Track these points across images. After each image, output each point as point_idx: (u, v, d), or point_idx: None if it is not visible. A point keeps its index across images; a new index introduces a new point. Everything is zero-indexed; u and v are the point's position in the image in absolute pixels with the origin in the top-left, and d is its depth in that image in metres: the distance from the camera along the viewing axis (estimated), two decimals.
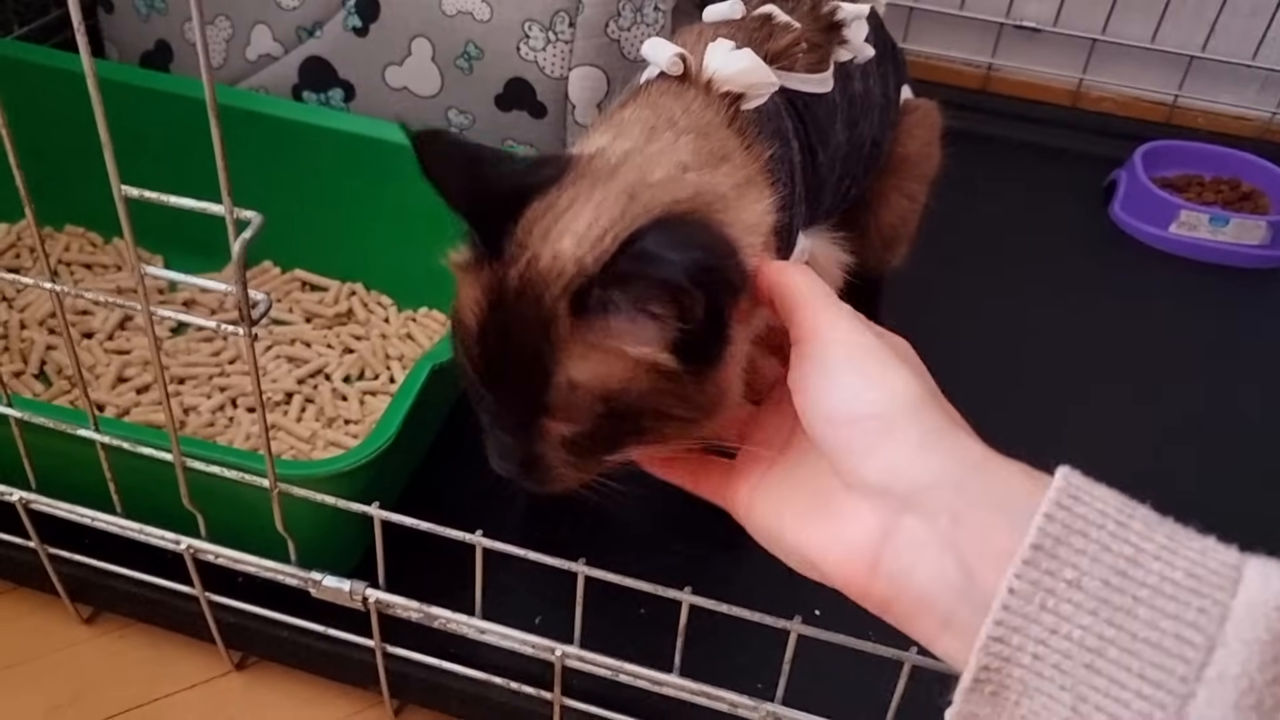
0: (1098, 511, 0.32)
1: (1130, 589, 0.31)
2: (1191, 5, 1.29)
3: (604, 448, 0.47)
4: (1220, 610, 0.30)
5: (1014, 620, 0.32)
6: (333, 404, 0.85)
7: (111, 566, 0.65)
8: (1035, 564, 0.31)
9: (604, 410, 0.45)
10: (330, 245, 0.94)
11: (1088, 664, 0.31)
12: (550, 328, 0.44)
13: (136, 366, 0.86)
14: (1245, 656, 0.29)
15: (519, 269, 0.45)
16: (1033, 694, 0.32)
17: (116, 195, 0.46)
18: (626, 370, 0.44)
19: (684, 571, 0.58)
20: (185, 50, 1.01)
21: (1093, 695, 0.31)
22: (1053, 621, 0.31)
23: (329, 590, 0.59)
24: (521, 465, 0.48)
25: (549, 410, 0.45)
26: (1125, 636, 0.30)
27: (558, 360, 0.44)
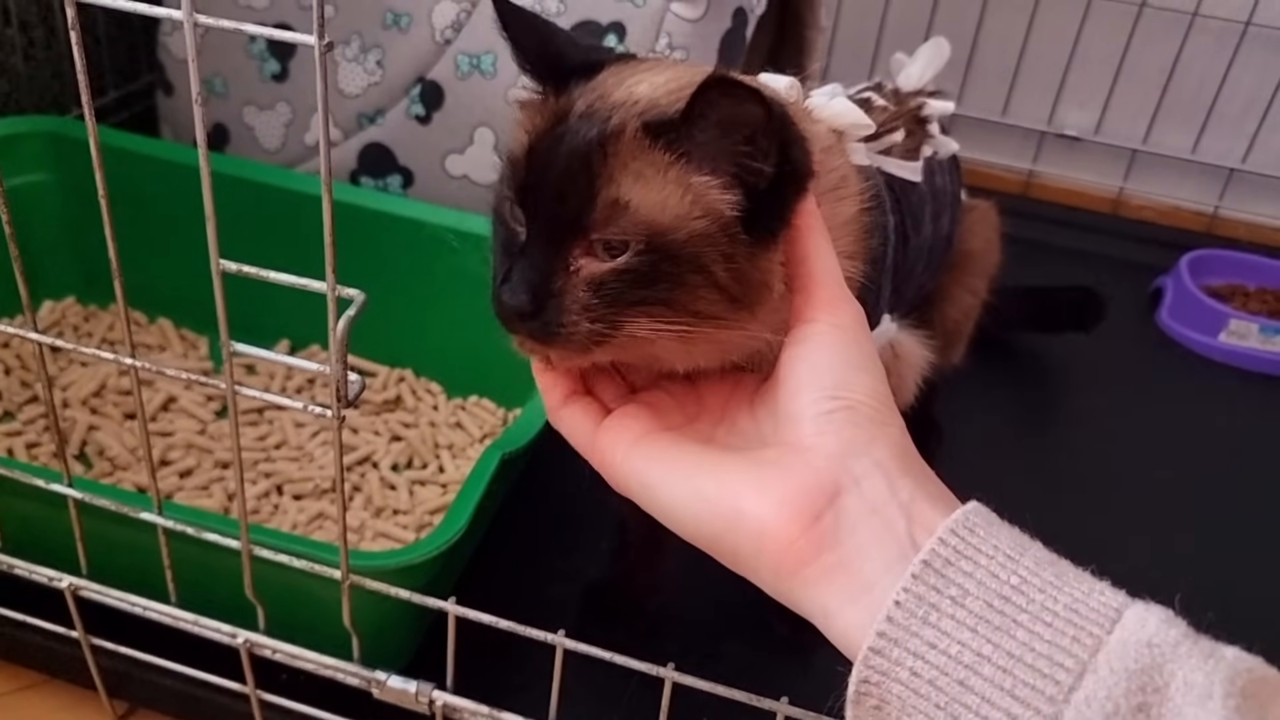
0: (992, 545, 0.34)
1: (1011, 612, 0.33)
2: (1231, 118, 1.30)
3: (627, 299, 0.42)
4: (1095, 641, 0.32)
5: (895, 633, 0.33)
6: (381, 493, 0.82)
7: (157, 660, 0.62)
8: (923, 579, 0.33)
9: (645, 246, 0.42)
10: (380, 330, 0.93)
11: (961, 680, 0.32)
12: (610, 142, 0.43)
13: (180, 449, 0.84)
14: (1113, 683, 0.31)
15: (588, 99, 0.45)
16: (910, 712, 0.33)
17: (214, 270, 0.44)
18: (684, 204, 0.42)
19: (746, 672, 0.55)
20: (242, 133, 1.01)
21: (965, 714, 0.32)
22: (933, 635, 0.33)
23: (393, 691, 0.56)
24: (535, 297, 0.43)
25: (586, 232, 0.42)
26: (1001, 654, 0.32)
27: (611, 174, 0.42)
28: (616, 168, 0.42)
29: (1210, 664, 0.31)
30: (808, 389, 0.40)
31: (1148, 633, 0.32)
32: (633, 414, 0.45)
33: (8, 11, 0.99)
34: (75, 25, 0.41)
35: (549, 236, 0.43)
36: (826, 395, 0.40)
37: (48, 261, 0.92)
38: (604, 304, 0.43)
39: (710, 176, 0.42)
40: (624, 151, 0.42)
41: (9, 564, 0.60)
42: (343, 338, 0.44)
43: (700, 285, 0.43)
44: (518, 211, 0.45)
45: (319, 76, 0.39)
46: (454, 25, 0.92)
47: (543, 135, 0.44)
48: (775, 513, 0.37)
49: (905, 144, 0.61)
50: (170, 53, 1.03)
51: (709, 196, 0.42)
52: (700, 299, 0.43)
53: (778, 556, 0.37)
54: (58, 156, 0.92)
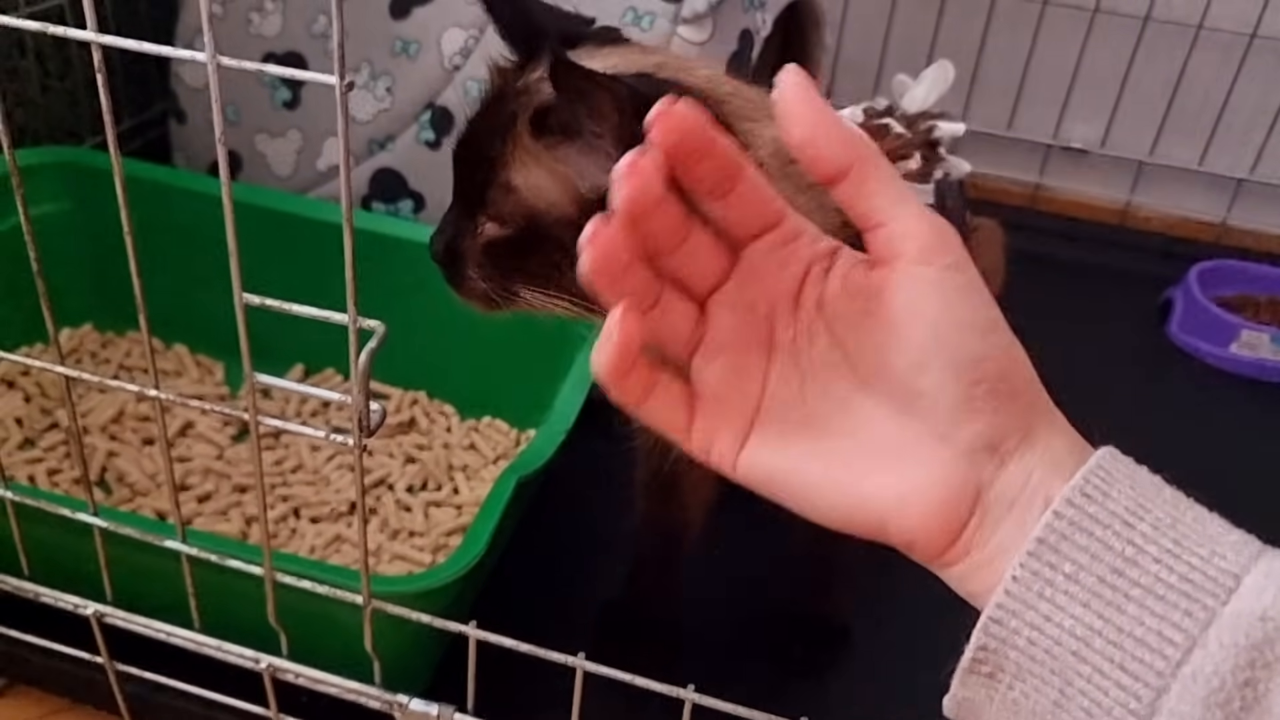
0: (1108, 512, 0.34)
1: (1124, 587, 0.33)
2: (1238, 129, 1.31)
3: (513, 268, 0.48)
4: (1207, 615, 0.32)
5: (1013, 605, 0.34)
6: (397, 515, 0.83)
7: (181, 685, 0.63)
8: (1038, 555, 0.34)
9: (526, 225, 0.47)
10: (393, 353, 0.93)
11: (1075, 651, 0.33)
12: (511, 126, 0.47)
13: (198, 474, 0.85)
14: (1221, 658, 0.31)
15: (525, 79, 0.48)
16: (1025, 677, 0.34)
17: (238, 303, 0.45)
18: (555, 190, 0.46)
19: (764, 693, 0.55)
20: (254, 160, 1.02)
21: (1077, 681, 0.33)
22: (1048, 609, 0.33)
23: (415, 715, 0.56)
24: (446, 250, 0.51)
25: (484, 205, 0.48)
26: (1112, 629, 0.32)
27: (505, 159, 0.47)
28: (510, 152, 0.47)
29: None
30: (936, 364, 0.35)
31: (1263, 605, 0.31)
32: (718, 398, 0.39)
33: (24, 43, 1.01)
34: (101, 68, 0.42)
35: (464, 199, 0.50)
36: (963, 375, 0.35)
37: (65, 289, 0.92)
38: (495, 268, 0.49)
39: (580, 164, 0.46)
40: (519, 136, 0.47)
41: (35, 591, 0.61)
42: (364, 370, 0.45)
43: (569, 267, 0.43)
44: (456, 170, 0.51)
45: (339, 115, 0.40)
46: (462, 51, 0.93)
47: (482, 105, 0.50)
48: (923, 528, 0.36)
49: (920, 169, 0.62)
50: (183, 82, 1.05)
51: (576, 182, 0.46)
52: (571, 280, 0.44)
53: (924, 557, 0.38)
54: (75, 186, 0.94)
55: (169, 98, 1.07)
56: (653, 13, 0.88)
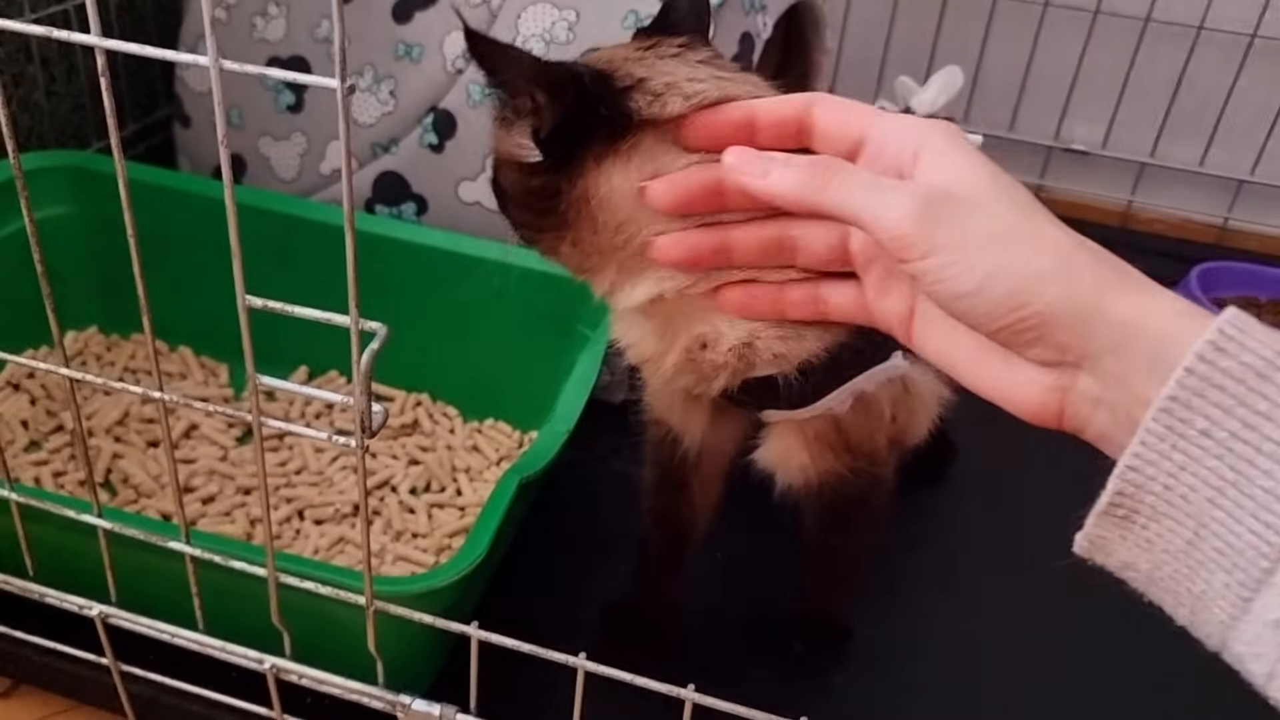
0: (1240, 364, 0.34)
1: (1256, 441, 0.34)
2: (1239, 130, 1.31)
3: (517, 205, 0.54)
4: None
5: (1149, 454, 0.35)
6: (400, 516, 0.83)
7: (185, 685, 0.63)
8: (1170, 412, 0.35)
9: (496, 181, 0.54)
10: (396, 355, 0.94)
11: (1210, 499, 0.35)
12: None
13: (202, 475, 0.85)
14: None
15: None
16: (1160, 518, 0.36)
17: (240, 305, 0.45)
18: (501, 155, 0.53)
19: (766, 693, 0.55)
20: (258, 164, 1.03)
21: (1211, 524, 0.35)
22: (1182, 460, 0.35)
23: (418, 715, 0.57)
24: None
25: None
26: (1244, 481, 0.34)
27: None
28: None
29: None
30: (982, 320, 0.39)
31: None
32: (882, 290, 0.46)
33: (29, 49, 1.01)
34: (105, 72, 0.43)
35: None
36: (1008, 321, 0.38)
37: (70, 293, 0.93)
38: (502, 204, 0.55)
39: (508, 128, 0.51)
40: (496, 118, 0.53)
41: (40, 592, 0.62)
42: (366, 371, 0.45)
43: (529, 219, 0.53)
44: None
45: (341, 118, 0.40)
46: (465, 55, 0.93)
47: None
48: (1031, 414, 0.40)
49: None
50: (187, 86, 1.05)
51: (504, 135, 0.52)
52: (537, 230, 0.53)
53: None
54: (80, 190, 0.94)
55: (173, 102, 1.08)
56: (653, 15, 0.88)
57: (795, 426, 0.61)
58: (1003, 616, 0.81)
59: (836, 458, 0.63)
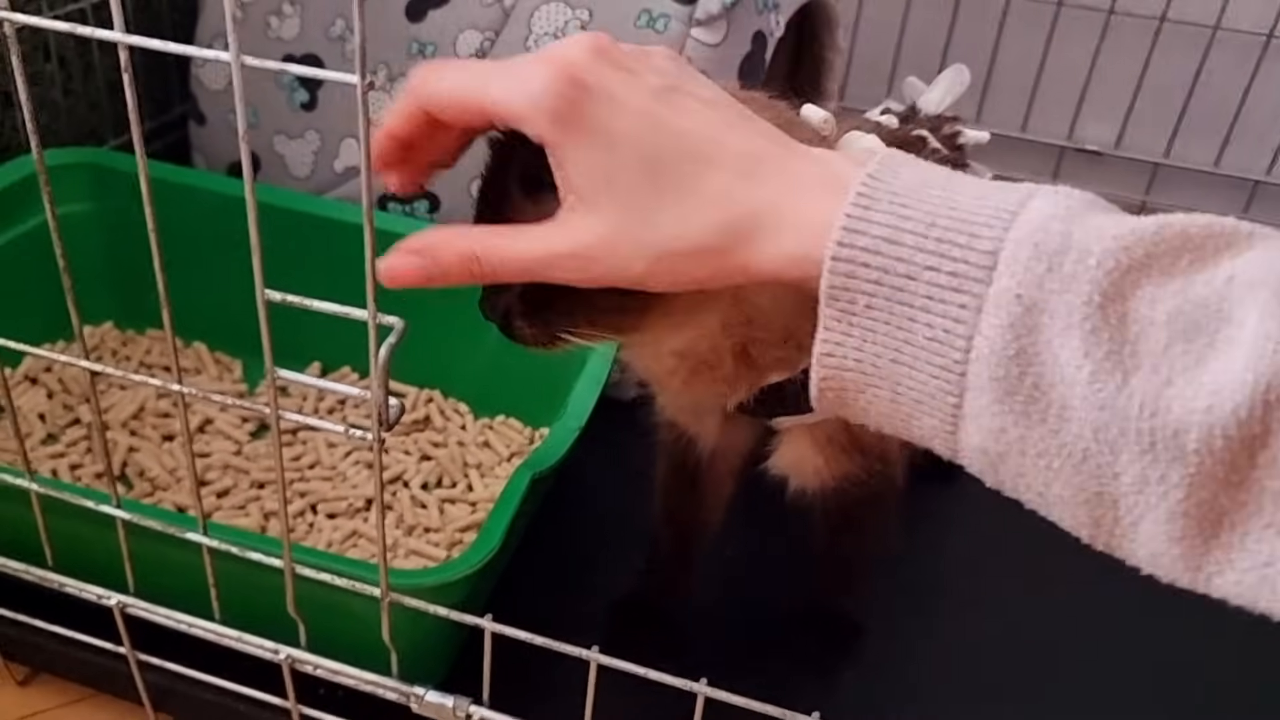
0: (872, 239, 0.37)
1: (908, 300, 0.37)
2: (1255, 131, 1.31)
3: (551, 310, 0.50)
4: (976, 302, 0.36)
5: (835, 338, 0.39)
6: (412, 511, 0.84)
7: (201, 675, 0.64)
8: (834, 300, 0.38)
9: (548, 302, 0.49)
10: (408, 351, 0.94)
11: (893, 360, 0.38)
12: (507, 197, 0.49)
13: (217, 470, 0.86)
14: (994, 338, 0.36)
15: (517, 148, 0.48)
16: (864, 388, 0.40)
17: (259, 298, 0.46)
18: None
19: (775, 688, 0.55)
20: (273, 162, 1.04)
21: (905, 383, 0.38)
22: (860, 335, 0.39)
23: (430, 706, 0.57)
24: (492, 304, 0.52)
25: None
26: (914, 338, 0.37)
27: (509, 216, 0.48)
28: (510, 216, 0.48)
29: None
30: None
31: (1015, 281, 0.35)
32: None
33: (47, 47, 1.02)
34: (128, 68, 0.43)
35: None
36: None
37: (87, 288, 0.93)
38: (534, 313, 0.50)
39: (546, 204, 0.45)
40: (513, 200, 0.49)
41: (59, 582, 0.62)
42: (384, 364, 0.45)
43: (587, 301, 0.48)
44: None
45: (360, 115, 0.41)
46: (478, 53, 0.94)
47: (487, 175, 0.52)
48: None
49: None
50: (203, 84, 1.06)
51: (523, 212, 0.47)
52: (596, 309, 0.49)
53: None
54: (97, 187, 0.95)
55: (188, 100, 1.09)
56: (666, 15, 0.89)
57: (807, 431, 0.62)
58: (1011, 615, 0.81)
59: (850, 459, 0.63)
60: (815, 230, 0.39)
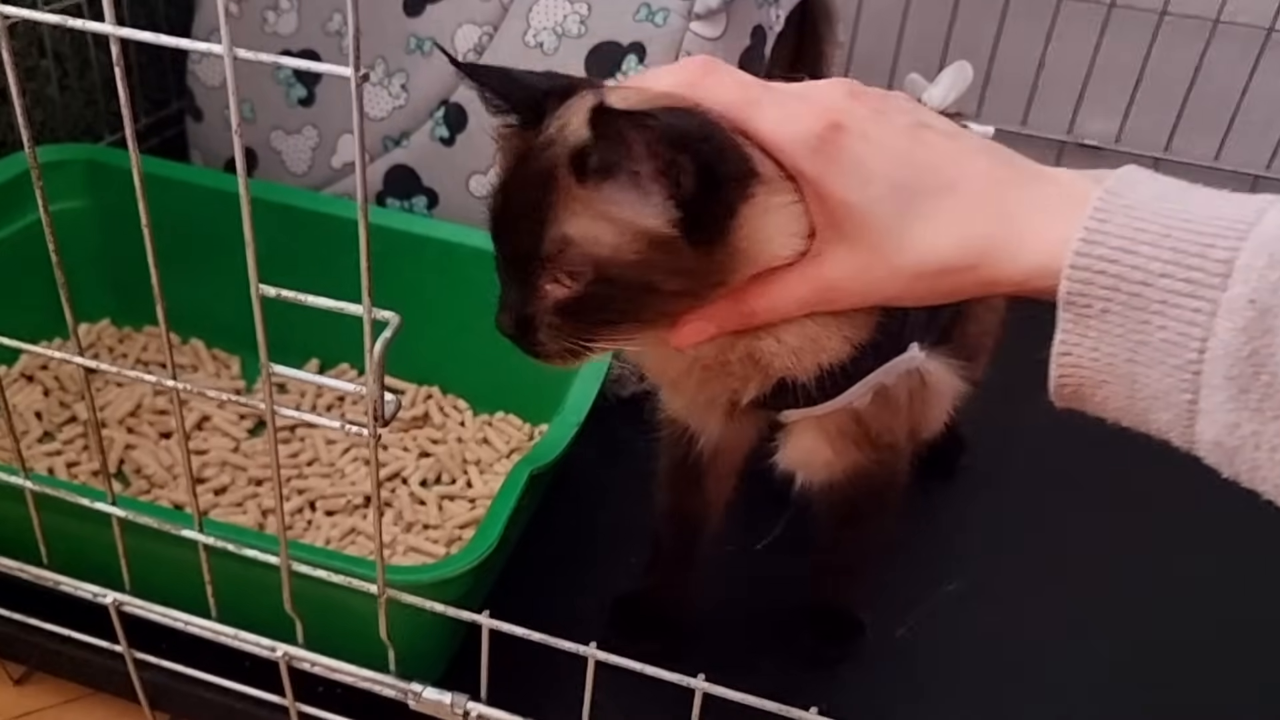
0: (1111, 249, 0.40)
1: (1143, 305, 0.40)
2: (1256, 125, 1.30)
3: (589, 320, 0.48)
4: (1211, 306, 0.38)
5: (1073, 339, 0.42)
6: (411, 508, 0.83)
7: (198, 673, 0.63)
8: (1071, 304, 0.41)
9: (594, 276, 0.47)
10: (407, 348, 0.94)
11: (1129, 359, 0.41)
12: (551, 183, 0.46)
13: (214, 467, 0.85)
14: (1228, 340, 0.38)
15: (546, 134, 0.48)
16: (1099, 385, 0.42)
17: (254, 293, 0.46)
18: (614, 235, 0.46)
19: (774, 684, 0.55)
20: (270, 158, 1.03)
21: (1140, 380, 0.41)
22: (1096, 337, 0.41)
23: (429, 703, 0.57)
24: (517, 323, 0.49)
25: (544, 266, 0.47)
26: (1149, 344, 0.40)
27: (554, 215, 0.46)
28: (557, 204, 0.47)
29: None
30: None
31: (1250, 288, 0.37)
32: None
33: (42, 43, 1.02)
34: (119, 61, 0.43)
35: (520, 266, 0.49)
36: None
37: (84, 285, 0.93)
38: (570, 325, 0.48)
39: (633, 201, 0.46)
40: (560, 188, 0.47)
41: (55, 580, 0.62)
42: (379, 359, 0.45)
43: (652, 301, 0.48)
44: (499, 246, 0.50)
45: (355, 107, 0.40)
46: (476, 48, 0.94)
47: (509, 170, 0.50)
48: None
49: None
50: (199, 80, 1.06)
51: (636, 222, 0.46)
52: (672, 306, 0.49)
53: None
54: (93, 183, 0.95)
55: (185, 96, 1.08)
56: (666, 8, 0.88)
57: (816, 424, 0.62)
58: (1012, 610, 0.81)
59: (860, 451, 0.63)
60: (1055, 245, 0.42)
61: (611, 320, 0.49)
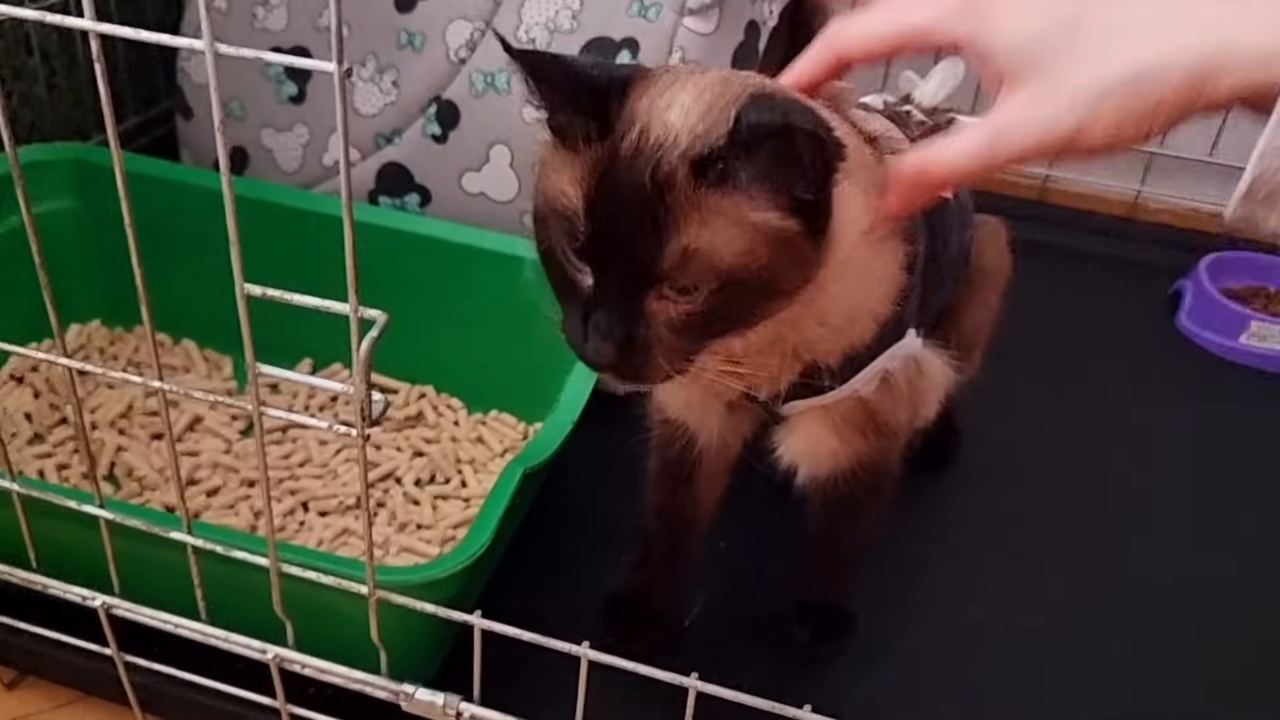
0: None
1: None
2: (1249, 119, 1.30)
3: (709, 333, 0.47)
4: None
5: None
6: (405, 508, 0.83)
7: (189, 676, 0.63)
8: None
9: (719, 285, 0.45)
10: (400, 347, 0.94)
11: None
12: (666, 194, 0.44)
13: (206, 469, 0.85)
14: None
15: (631, 140, 0.45)
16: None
17: (239, 293, 0.45)
18: (747, 239, 0.44)
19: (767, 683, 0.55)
20: (260, 156, 1.03)
21: None
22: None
23: (420, 704, 0.57)
24: (621, 347, 0.46)
25: (661, 281, 0.45)
26: None
27: (675, 227, 0.44)
28: (678, 215, 0.44)
29: None
30: None
31: None
32: None
33: (29, 41, 1.01)
34: (100, 58, 0.42)
35: (620, 287, 0.46)
36: None
37: (73, 286, 0.93)
38: (686, 342, 0.47)
39: (766, 205, 0.44)
40: (680, 197, 0.44)
41: (43, 584, 0.62)
42: (365, 358, 0.44)
43: (774, 296, 0.47)
44: (580, 263, 0.47)
45: (339, 101, 0.40)
46: (468, 44, 0.93)
47: (594, 185, 0.45)
48: None
49: None
50: (189, 78, 1.05)
51: (769, 224, 0.45)
52: (775, 305, 0.48)
53: None
54: (81, 183, 0.94)
55: (175, 95, 1.08)
56: (658, 3, 0.88)
57: (822, 414, 0.61)
58: (1006, 605, 0.81)
59: (865, 440, 0.63)
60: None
61: (726, 329, 0.48)
